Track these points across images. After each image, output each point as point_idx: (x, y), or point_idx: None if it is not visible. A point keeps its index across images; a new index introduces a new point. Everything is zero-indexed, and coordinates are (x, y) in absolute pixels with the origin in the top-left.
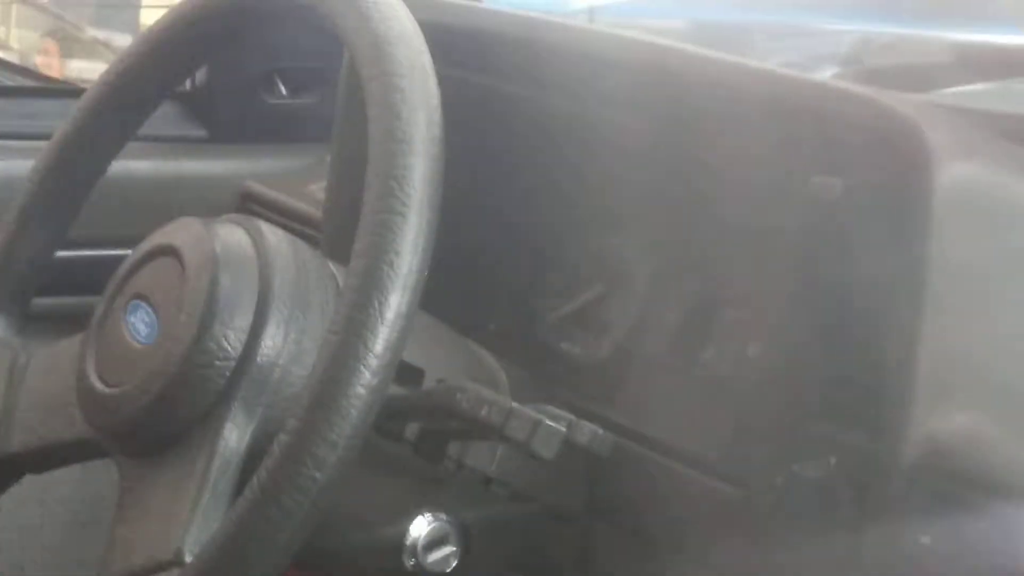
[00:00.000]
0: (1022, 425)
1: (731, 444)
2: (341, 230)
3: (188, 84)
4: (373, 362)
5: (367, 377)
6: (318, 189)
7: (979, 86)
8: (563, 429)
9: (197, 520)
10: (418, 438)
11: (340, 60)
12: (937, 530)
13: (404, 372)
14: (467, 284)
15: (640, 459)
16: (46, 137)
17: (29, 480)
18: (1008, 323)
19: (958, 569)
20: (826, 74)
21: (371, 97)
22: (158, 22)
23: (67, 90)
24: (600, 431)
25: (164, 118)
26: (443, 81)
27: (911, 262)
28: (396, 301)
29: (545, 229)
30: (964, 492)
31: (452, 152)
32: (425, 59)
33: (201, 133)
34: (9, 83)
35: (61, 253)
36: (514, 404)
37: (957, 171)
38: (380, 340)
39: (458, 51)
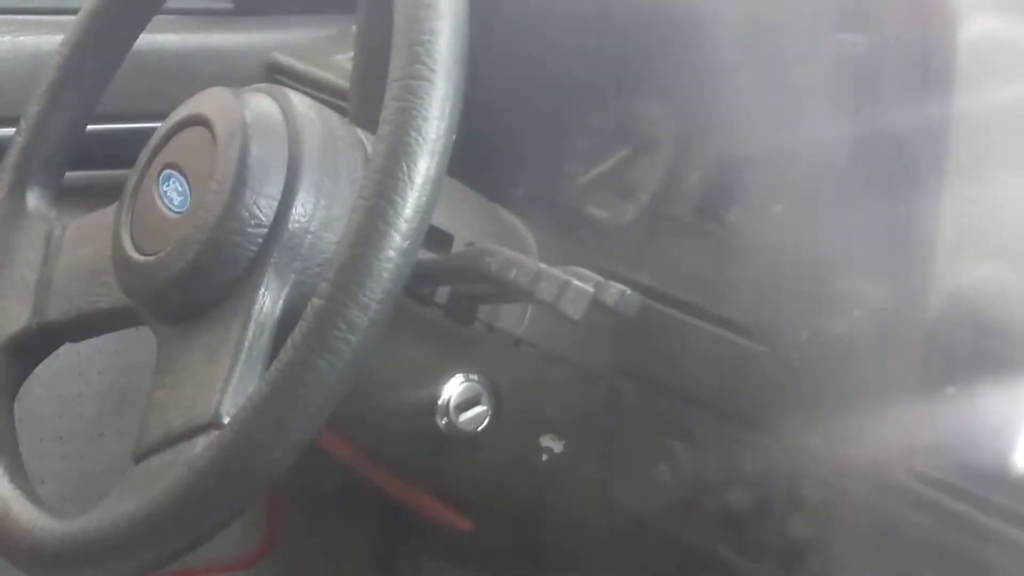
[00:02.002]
0: None
1: (756, 302)
2: (368, 98)
3: None
4: (403, 226)
5: (397, 240)
6: (344, 59)
7: None
8: (591, 290)
9: (233, 384)
10: (448, 301)
11: None
12: (961, 381)
13: (434, 236)
14: (494, 150)
15: (666, 319)
16: (74, 11)
17: (67, 350)
18: None
19: (983, 419)
20: None
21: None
22: None
23: None
24: (627, 291)
25: None
26: None
27: (935, 119)
28: (424, 166)
29: (570, 93)
30: (988, 343)
31: (477, 17)
32: None
33: (227, 5)
34: None
35: (92, 127)
36: (542, 266)
37: (980, 27)
38: (409, 204)
39: None
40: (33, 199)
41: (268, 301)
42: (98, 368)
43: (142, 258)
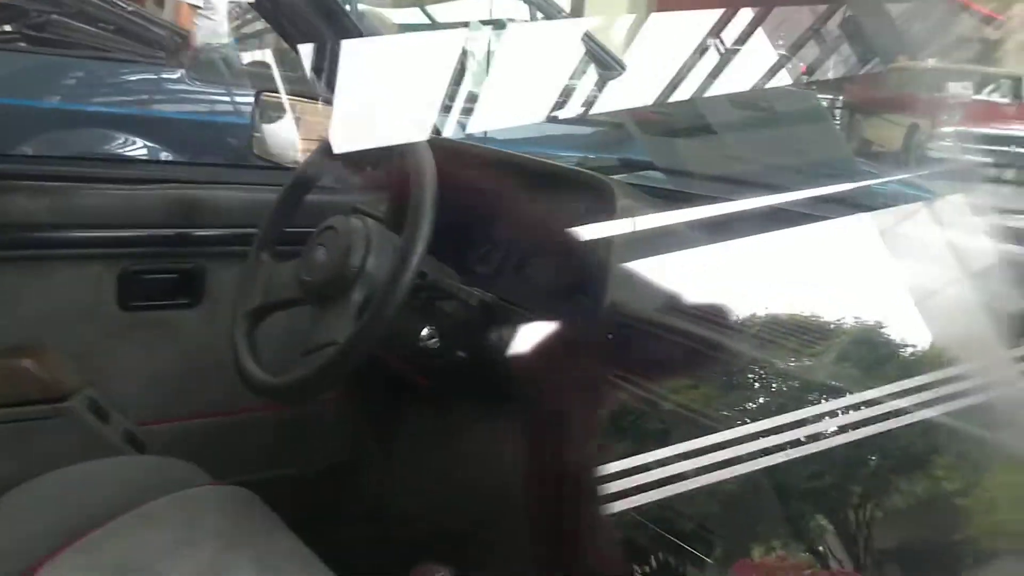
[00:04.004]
0: None
1: (544, 299)
2: (396, 215)
3: None
4: (409, 269)
5: (408, 275)
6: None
7: None
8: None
9: (344, 328)
10: (424, 299)
11: None
12: None
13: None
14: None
15: (506, 311)
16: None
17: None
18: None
19: None
20: None
21: (413, 191)
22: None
23: None
24: (483, 293)
25: None
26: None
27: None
28: (419, 249)
29: (469, 227)
30: None
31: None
32: (432, 169)
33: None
34: None
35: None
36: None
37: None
38: (413, 262)
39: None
40: (265, 256)
41: (359, 295)
42: (282, 324)
43: (308, 278)
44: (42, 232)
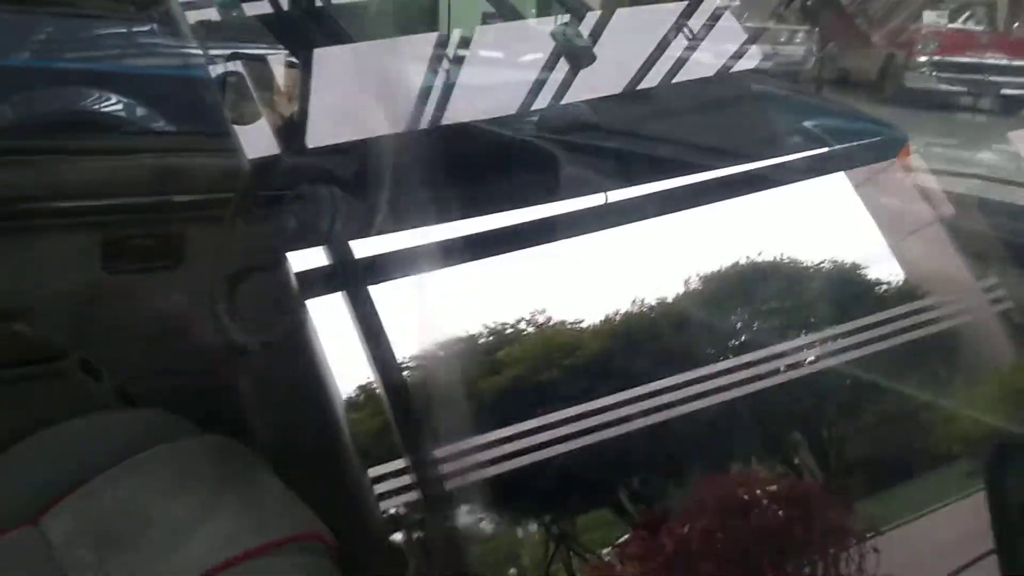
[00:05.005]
0: None
1: None
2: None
3: None
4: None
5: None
6: None
7: None
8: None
9: None
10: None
11: None
12: None
13: None
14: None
15: None
16: None
17: None
18: None
19: None
20: None
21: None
22: None
23: None
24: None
25: None
26: None
27: None
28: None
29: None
30: None
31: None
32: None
33: None
34: None
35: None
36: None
37: None
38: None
39: None
40: (240, 221)
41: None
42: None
43: (281, 245)
44: (28, 204)
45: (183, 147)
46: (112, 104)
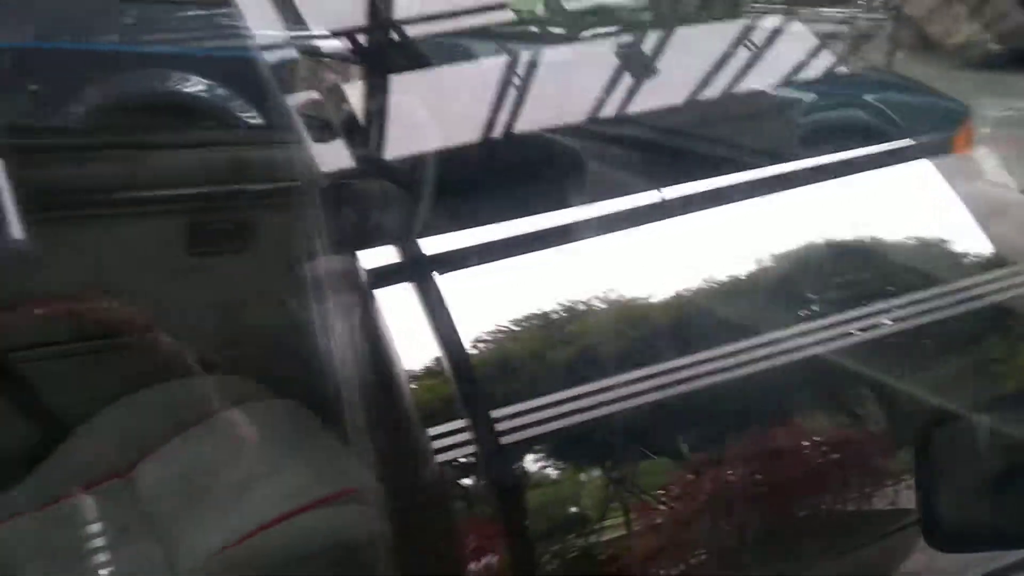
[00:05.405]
0: None
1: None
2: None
3: None
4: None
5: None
6: None
7: None
8: None
9: None
10: None
11: None
12: None
13: None
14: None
15: None
16: None
17: None
18: None
19: None
20: None
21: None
22: None
23: None
24: None
25: None
26: None
27: None
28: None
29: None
30: None
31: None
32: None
33: None
34: None
35: None
36: None
37: None
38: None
39: None
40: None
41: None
42: None
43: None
44: (121, 193)
45: (255, 140)
46: (194, 86)
